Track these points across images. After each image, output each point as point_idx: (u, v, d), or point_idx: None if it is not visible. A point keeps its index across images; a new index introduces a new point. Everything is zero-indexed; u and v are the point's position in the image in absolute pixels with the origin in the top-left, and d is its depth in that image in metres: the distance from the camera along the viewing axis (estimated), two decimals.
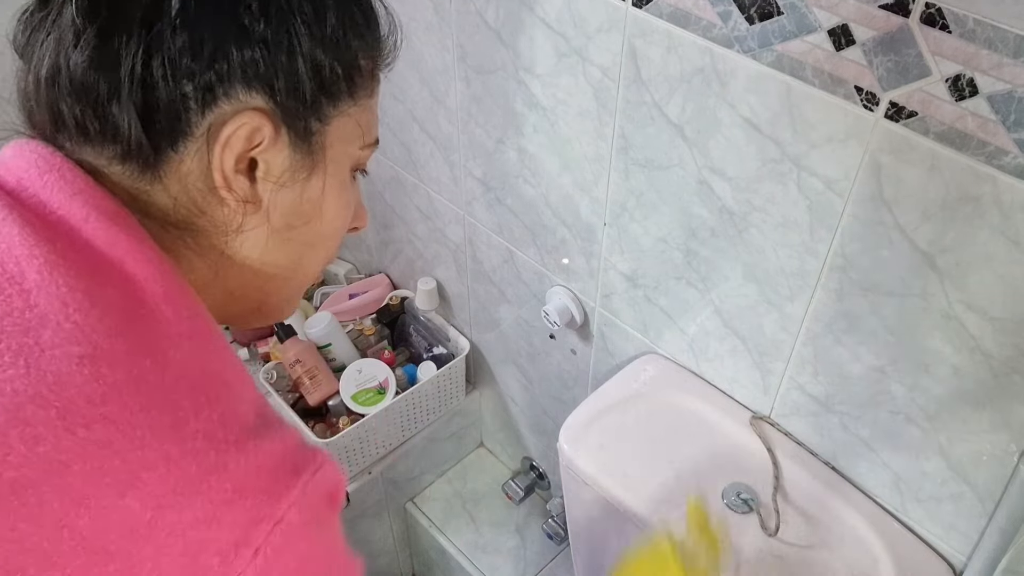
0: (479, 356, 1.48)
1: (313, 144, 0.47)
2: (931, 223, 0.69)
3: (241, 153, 0.44)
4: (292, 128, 0.45)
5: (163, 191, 0.44)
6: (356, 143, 0.50)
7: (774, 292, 0.86)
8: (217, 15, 0.42)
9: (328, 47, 0.45)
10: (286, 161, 0.46)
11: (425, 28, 1.08)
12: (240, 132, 0.43)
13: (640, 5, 0.80)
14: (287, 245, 0.49)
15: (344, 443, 1.33)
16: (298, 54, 0.44)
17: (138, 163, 0.43)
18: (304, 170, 0.47)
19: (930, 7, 0.60)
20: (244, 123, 0.43)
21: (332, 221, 0.51)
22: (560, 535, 1.44)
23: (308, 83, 0.45)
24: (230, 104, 0.43)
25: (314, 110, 0.46)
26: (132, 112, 0.41)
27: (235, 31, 0.42)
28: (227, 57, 0.42)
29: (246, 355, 1.59)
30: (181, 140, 0.43)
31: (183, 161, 0.44)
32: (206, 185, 0.45)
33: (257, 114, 0.43)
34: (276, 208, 0.47)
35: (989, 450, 0.76)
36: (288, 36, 0.43)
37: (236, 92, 0.43)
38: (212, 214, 0.46)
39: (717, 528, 0.72)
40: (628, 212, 0.96)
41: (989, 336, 0.70)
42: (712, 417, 0.99)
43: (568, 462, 0.97)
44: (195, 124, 0.43)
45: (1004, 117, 0.60)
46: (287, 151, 0.46)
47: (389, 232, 1.48)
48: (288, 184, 0.47)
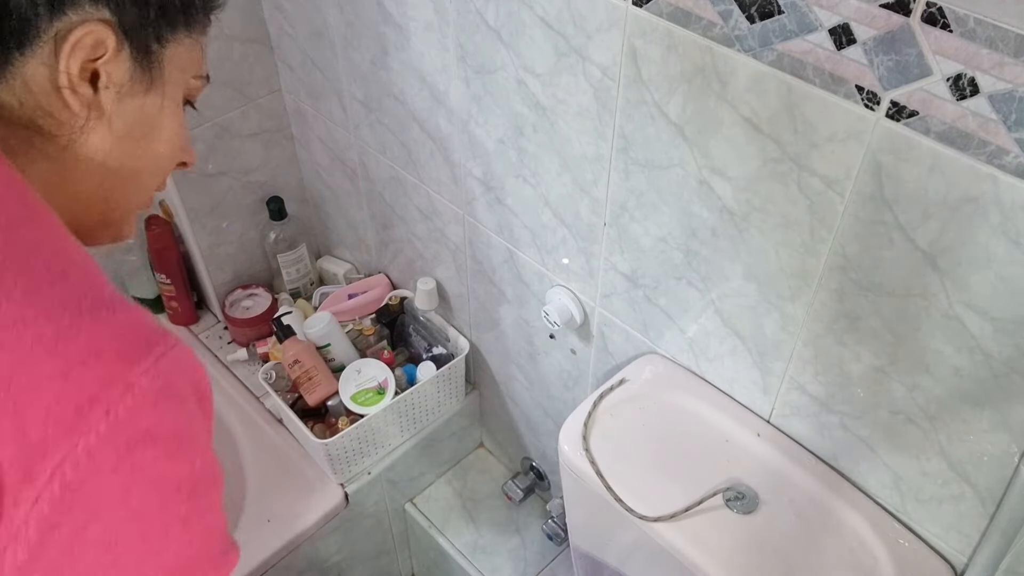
0: (479, 356, 1.48)
1: (152, 61, 0.51)
2: (932, 223, 0.69)
3: (85, 61, 0.47)
4: (133, 43, 0.49)
5: (9, 91, 0.47)
6: (189, 71, 0.55)
7: (774, 292, 0.86)
8: None
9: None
10: (127, 73, 0.50)
11: (425, 28, 1.08)
12: (86, 40, 0.47)
13: (640, 4, 0.80)
14: (127, 154, 0.53)
15: (344, 443, 1.33)
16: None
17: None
18: (143, 84, 0.51)
19: (931, 6, 0.60)
20: (89, 31, 0.46)
21: (168, 139, 0.55)
22: (560, 535, 1.43)
23: (151, 4, 0.49)
24: (76, 14, 0.46)
25: (154, 30, 0.50)
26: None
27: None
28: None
29: (245, 355, 1.59)
30: (28, 44, 0.46)
31: (28, 63, 0.46)
32: (52, 87, 0.47)
33: (102, 25, 0.47)
34: (118, 116, 0.51)
35: (990, 450, 0.76)
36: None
37: (83, 3, 0.46)
38: (57, 116, 0.49)
39: None
40: (628, 212, 0.96)
41: (989, 336, 0.70)
42: (712, 417, 0.98)
43: (568, 462, 0.97)
44: (43, 30, 0.46)
45: (1005, 117, 0.60)
46: (128, 63, 0.50)
47: (389, 232, 1.48)
48: (128, 95, 0.50)
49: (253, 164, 1.54)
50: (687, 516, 0.89)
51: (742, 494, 0.91)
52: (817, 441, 0.93)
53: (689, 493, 0.91)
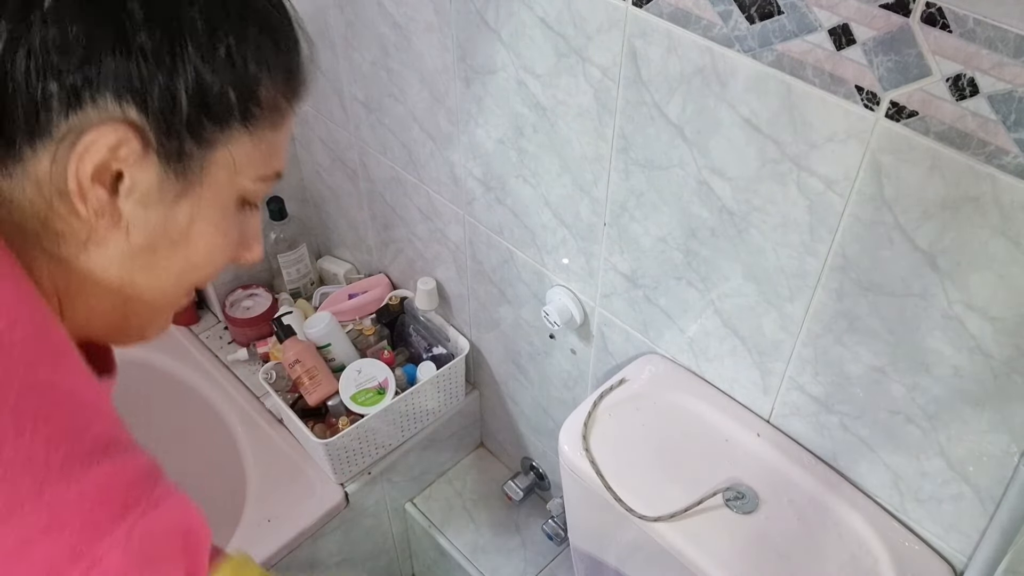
0: (479, 356, 1.48)
1: (188, 167, 0.44)
2: (931, 223, 0.69)
3: (101, 164, 0.41)
4: (164, 147, 0.43)
5: (19, 188, 0.42)
6: (247, 174, 0.47)
7: (774, 292, 0.86)
8: (96, 15, 0.39)
9: (220, 69, 0.43)
10: (154, 179, 0.43)
11: (425, 28, 1.08)
12: (102, 142, 0.41)
13: (640, 5, 0.80)
14: (150, 266, 0.46)
15: (343, 443, 1.33)
16: (180, 72, 0.41)
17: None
18: (172, 192, 0.44)
19: (930, 7, 0.60)
20: (108, 134, 0.41)
21: (202, 250, 0.48)
22: (560, 535, 1.43)
23: (189, 104, 0.42)
24: (96, 111, 0.41)
25: (193, 132, 0.43)
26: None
27: (112, 35, 0.40)
28: (99, 61, 0.40)
29: (246, 355, 1.59)
30: (39, 139, 0.41)
31: (40, 161, 0.41)
32: (62, 190, 0.42)
33: (124, 127, 0.41)
34: (138, 226, 0.44)
35: (989, 450, 0.76)
36: (172, 51, 0.41)
37: (105, 100, 0.40)
38: (68, 220, 0.43)
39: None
40: (628, 212, 0.96)
41: (989, 336, 0.70)
42: (712, 417, 0.98)
43: (568, 462, 0.97)
44: (56, 125, 0.40)
45: (1004, 117, 0.60)
46: (156, 169, 0.43)
47: (389, 232, 1.48)
48: (152, 204, 0.44)
49: None
50: (687, 516, 0.90)
51: (742, 494, 0.91)
52: (817, 441, 0.93)
53: (689, 493, 0.91)
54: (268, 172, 0.48)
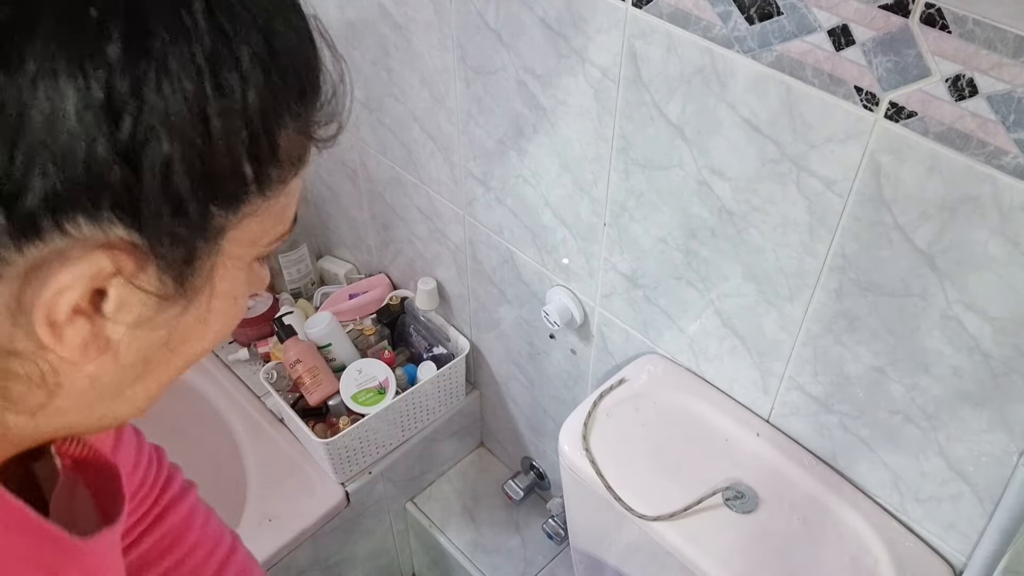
0: (479, 356, 1.48)
1: (195, 269, 0.33)
2: (930, 223, 0.69)
3: (81, 297, 0.31)
4: (163, 259, 0.32)
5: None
6: (264, 239, 0.36)
7: (774, 292, 0.86)
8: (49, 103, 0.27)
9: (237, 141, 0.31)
10: (148, 300, 0.33)
11: (425, 28, 1.08)
12: (82, 281, 0.30)
13: (640, 5, 0.80)
14: (143, 376, 0.37)
15: (344, 443, 1.33)
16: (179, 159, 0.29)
17: None
18: (177, 304, 0.34)
19: (930, 7, 0.60)
20: (84, 268, 0.30)
21: (212, 336, 0.38)
22: (560, 535, 1.44)
23: (194, 200, 0.31)
24: (64, 238, 0.29)
25: (200, 230, 0.32)
26: None
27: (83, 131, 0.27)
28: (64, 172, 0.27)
29: (246, 355, 1.59)
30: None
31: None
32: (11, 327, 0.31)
33: (109, 253, 0.30)
34: (131, 346, 0.34)
35: (989, 450, 0.76)
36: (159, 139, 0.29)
37: (78, 223, 0.29)
38: (27, 361, 0.32)
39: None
40: (628, 212, 0.96)
41: (988, 336, 0.70)
42: (712, 417, 0.99)
43: (568, 462, 0.97)
44: (7, 262, 0.29)
45: (1004, 117, 0.61)
46: (153, 286, 0.32)
47: (389, 232, 1.49)
48: (149, 322, 0.34)
49: None
50: (687, 516, 0.90)
51: (742, 494, 0.91)
52: (816, 441, 0.93)
53: (689, 493, 0.91)
54: (284, 228, 0.37)
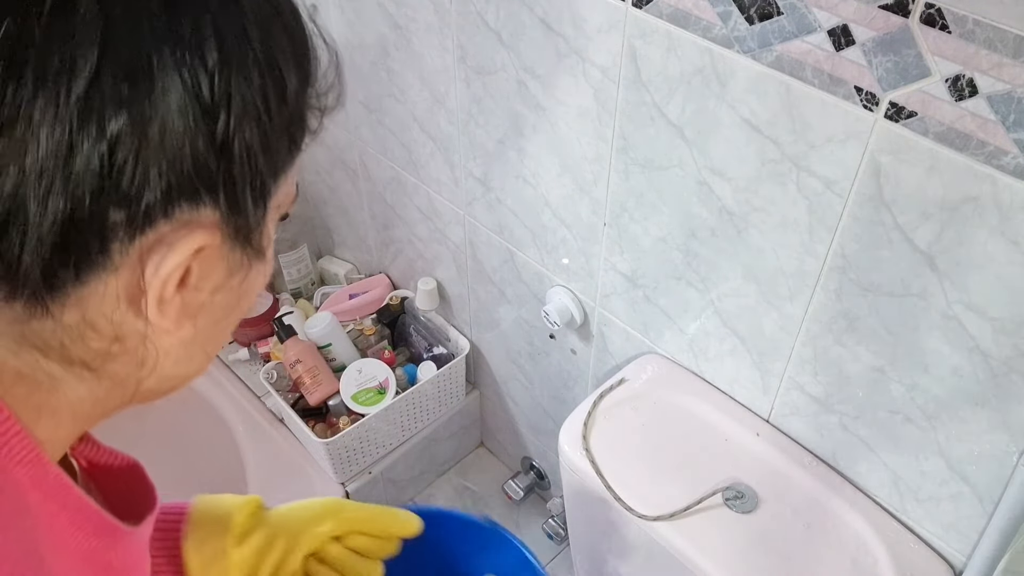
0: (479, 356, 1.48)
1: (258, 235, 0.38)
2: (930, 223, 0.69)
3: (181, 276, 0.35)
4: (235, 229, 0.36)
5: (51, 324, 0.34)
6: (287, 199, 0.40)
7: (774, 292, 0.86)
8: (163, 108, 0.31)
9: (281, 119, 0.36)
10: (225, 264, 0.37)
11: (425, 28, 1.08)
12: (185, 260, 0.34)
13: (640, 5, 0.80)
14: (211, 337, 0.41)
15: (344, 443, 1.33)
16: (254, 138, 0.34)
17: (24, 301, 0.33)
18: (244, 269, 0.38)
19: (930, 7, 0.60)
20: (190, 247, 0.34)
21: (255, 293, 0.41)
22: (560, 535, 1.44)
23: (262, 172, 0.35)
24: (169, 224, 0.33)
25: (263, 198, 0.36)
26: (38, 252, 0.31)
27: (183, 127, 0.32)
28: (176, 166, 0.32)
29: (247, 355, 1.59)
30: (93, 271, 0.33)
31: (89, 292, 0.33)
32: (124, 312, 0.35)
33: (204, 231, 0.34)
34: (209, 311, 0.38)
35: (988, 450, 0.76)
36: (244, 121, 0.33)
37: (178, 206, 0.33)
38: (126, 341, 0.36)
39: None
40: (628, 212, 0.96)
41: (988, 336, 0.70)
42: (712, 417, 0.99)
43: (568, 462, 0.97)
44: (118, 253, 0.33)
45: (1003, 117, 0.61)
46: (227, 253, 0.36)
47: (389, 232, 1.49)
48: (225, 286, 0.38)
49: None
50: (687, 515, 0.90)
51: (741, 493, 0.91)
52: (816, 441, 0.93)
53: (689, 493, 0.91)
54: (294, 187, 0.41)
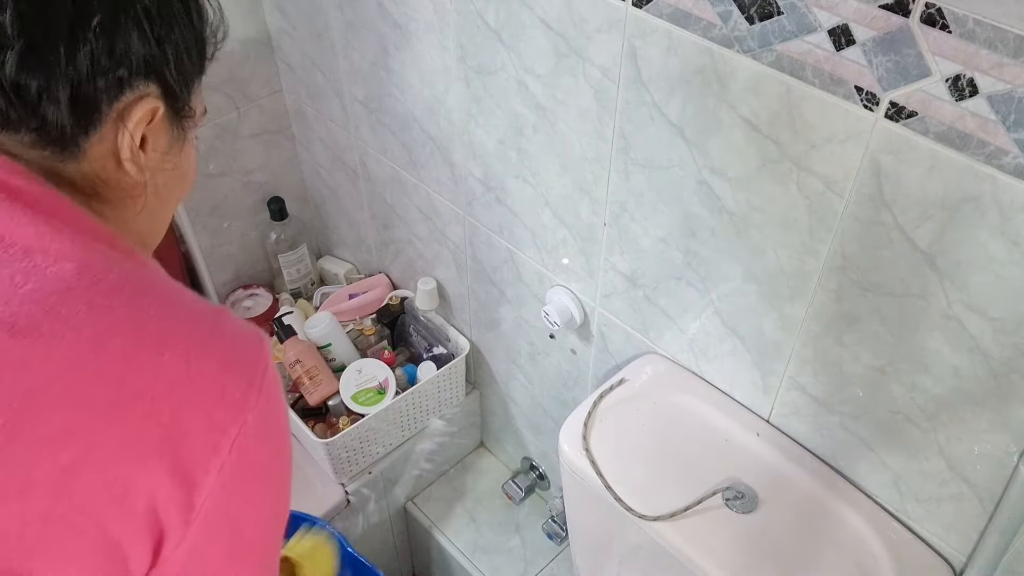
0: (479, 356, 1.48)
1: (184, 117, 0.57)
2: (931, 223, 0.69)
3: (141, 133, 0.53)
4: (174, 107, 0.55)
5: (75, 168, 0.52)
6: (200, 111, 0.59)
7: (774, 292, 0.86)
8: (126, 21, 0.50)
9: (195, 38, 0.55)
10: (167, 134, 0.55)
11: (425, 28, 1.08)
12: (144, 115, 0.52)
13: (640, 5, 0.80)
14: (166, 199, 0.59)
15: (344, 443, 1.33)
16: (181, 48, 0.54)
17: (56, 147, 0.51)
18: (180, 140, 0.57)
19: (930, 7, 0.60)
20: (144, 106, 0.52)
21: (192, 175, 0.62)
22: (560, 535, 1.44)
23: (186, 68, 0.54)
24: (132, 92, 0.51)
25: (187, 90, 0.55)
26: (64, 106, 0.49)
27: (137, 33, 0.50)
28: (133, 54, 0.50)
29: None
30: (94, 126, 0.51)
31: (91, 144, 0.51)
32: (112, 159, 0.53)
33: (152, 99, 0.52)
34: (160, 172, 0.57)
35: (989, 450, 0.76)
36: (173, 33, 0.53)
37: (138, 82, 0.51)
38: (115, 182, 0.54)
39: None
40: (628, 212, 0.96)
41: (989, 336, 0.70)
42: (712, 417, 0.99)
43: (568, 462, 0.97)
44: (106, 112, 0.51)
45: (1004, 117, 0.61)
46: (168, 125, 0.55)
47: (389, 232, 1.49)
48: (168, 152, 0.56)
49: (254, 164, 1.54)
50: (687, 516, 0.90)
51: (742, 494, 0.91)
52: (817, 441, 0.93)
53: (689, 493, 0.91)
54: (203, 108, 0.60)
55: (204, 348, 0.48)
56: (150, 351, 0.46)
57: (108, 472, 0.43)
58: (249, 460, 0.49)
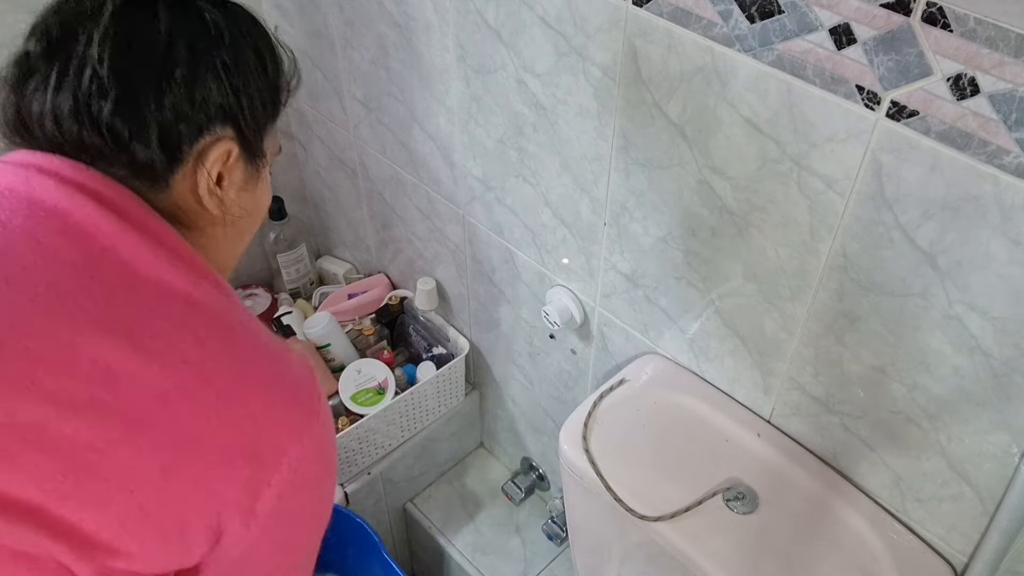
0: (479, 356, 1.48)
1: (259, 157, 0.63)
2: (932, 223, 0.69)
3: (218, 172, 0.60)
4: (248, 148, 0.62)
5: (165, 199, 0.59)
6: (273, 150, 0.66)
7: (775, 292, 0.86)
8: (205, 74, 0.57)
9: (269, 87, 0.63)
10: (243, 172, 0.62)
11: (425, 28, 1.08)
12: (220, 156, 0.59)
13: (640, 4, 0.80)
14: (241, 231, 0.67)
15: (344, 443, 1.33)
16: (255, 96, 0.61)
17: (148, 180, 0.58)
18: (255, 178, 0.64)
19: (931, 6, 0.60)
20: (221, 148, 0.59)
21: (264, 209, 0.69)
22: (560, 535, 1.43)
23: (259, 114, 0.62)
24: (211, 136, 0.58)
25: (261, 133, 0.63)
26: (154, 148, 0.56)
27: (216, 84, 0.58)
28: (211, 101, 0.58)
29: None
30: (178, 164, 0.58)
31: (176, 179, 0.59)
32: (191, 194, 0.60)
33: (228, 140, 0.59)
34: (237, 206, 0.63)
35: (989, 450, 0.76)
36: (248, 83, 0.60)
37: (215, 127, 0.58)
38: (195, 214, 0.61)
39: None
40: (628, 212, 0.96)
41: (989, 336, 0.70)
42: (712, 417, 0.98)
43: (568, 462, 0.97)
44: (187, 152, 0.58)
45: (1005, 116, 0.60)
46: (243, 165, 0.62)
47: (389, 232, 1.48)
48: (243, 189, 0.63)
49: None
50: (687, 516, 0.90)
51: (742, 494, 0.91)
52: (817, 441, 0.93)
53: (689, 493, 0.91)
54: (277, 147, 0.68)
55: (278, 385, 0.57)
56: (243, 388, 0.55)
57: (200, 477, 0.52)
58: (303, 476, 0.57)
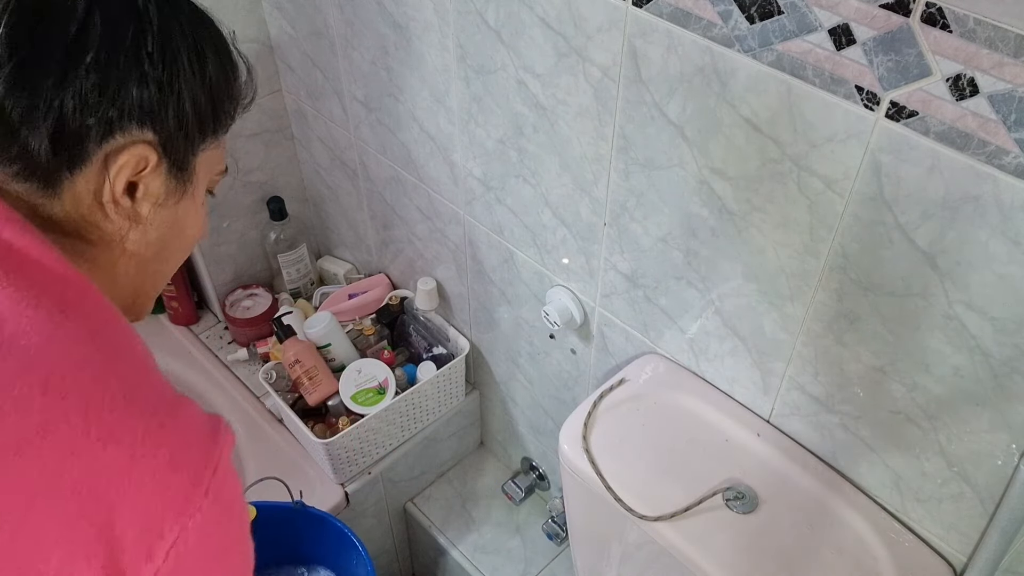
0: (479, 356, 1.48)
1: (186, 172, 0.55)
2: (931, 223, 0.69)
3: (128, 178, 0.51)
4: (172, 159, 0.53)
5: (58, 205, 0.51)
6: (214, 170, 0.59)
7: (775, 292, 0.86)
8: (123, 60, 0.49)
9: (207, 92, 0.54)
10: (163, 186, 0.54)
11: (425, 28, 1.08)
12: (131, 161, 0.50)
13: (640, 4, 0.80)
14: (159, 253, 0.57)
15: (344, 443, 1.33)
16: (186, 100, 0.52)
17: (39, 181, 0.49)
18: (178, 193, 0.55)
19: (931, 6, 0.60)
20: (135, 153, 0.50)
21: (192, 233, 0.59)
22: (560, 535, 1.43)
23: (190, 122, 0.53)
24: (124, 137, 0.50)
25: (191, 145, 0.54)
26: (44, 137, 0.48)
27: (136, 74, 0.49)
28: (128, 96, 0.49)
29: (246, 355, 1.59)
30: (78, 165, 0.49)
31: (76, 182, 0.50)
32: (96, 201, 0.51)
33: (145, 146, 0.51)
34: (153, 223, 0.55)
35: (989, 450, 0.76)
36: (177, 83, 0.51)
37: (131, 127, 0.50)
38: (100, 225, 0.53)
39: None
40: (628, 212, 0.96)
41: (989, 336, 0.70)
42: (712, 417, 0.98)
43: (568, 462, 0.97)
44: (92, 152, 0.49)
45: (1005, 117, 0.60)
46: (164, 177, 0.53)
47: (389, 232, 1.48)
48: (163, 205, 0.55)
49: (254, 164, 1.54)
50: (687, 516, 0.90)
51: (742, 494, 0.91)
52: (817, 441, 0.93)
53: (689, 493, 0.91)
54: (222, 167, 0.60)
55: (152, 444, 0.44)
56: (95, 443, 0.42)
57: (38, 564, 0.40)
58: (189, 567, 0.45)
